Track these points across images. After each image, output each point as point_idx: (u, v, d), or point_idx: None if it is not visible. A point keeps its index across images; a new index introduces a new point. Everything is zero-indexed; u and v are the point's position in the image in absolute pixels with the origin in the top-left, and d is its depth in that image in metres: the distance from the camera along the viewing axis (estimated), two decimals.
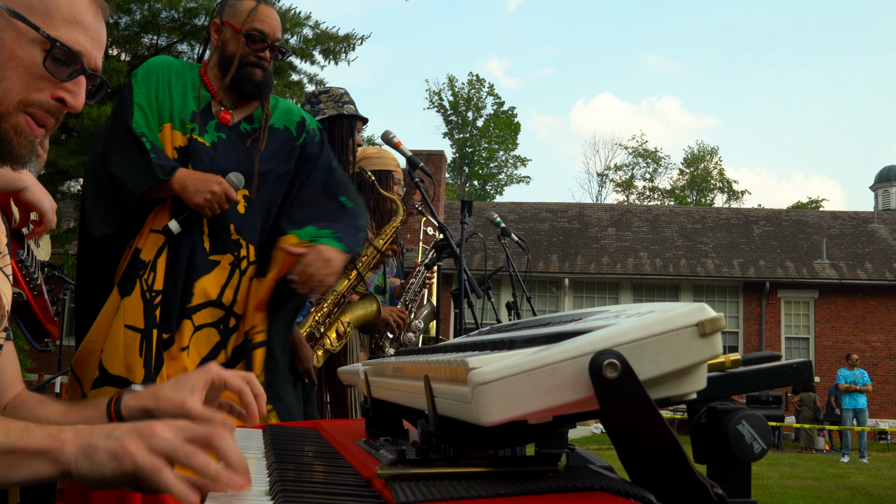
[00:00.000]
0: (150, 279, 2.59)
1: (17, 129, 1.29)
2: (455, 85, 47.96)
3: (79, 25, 1.32)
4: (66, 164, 12.10)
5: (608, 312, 1.11)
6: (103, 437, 1.02)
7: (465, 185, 47.19)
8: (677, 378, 0.87)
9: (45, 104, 1.30)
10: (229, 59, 2.74)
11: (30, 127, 1.30)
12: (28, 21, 1.27)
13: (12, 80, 1.27)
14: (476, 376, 0.83)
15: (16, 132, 1.29)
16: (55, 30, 1.29)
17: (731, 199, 49.74)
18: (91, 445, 1.01)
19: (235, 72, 2.73)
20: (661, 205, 41.96)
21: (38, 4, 1.29)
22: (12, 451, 1.00)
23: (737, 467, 1.06)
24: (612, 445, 0.88)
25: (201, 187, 2.58)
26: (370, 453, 1.33)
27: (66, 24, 1.30)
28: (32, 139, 1.31)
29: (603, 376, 0.81)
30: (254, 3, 2.76)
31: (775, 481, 11.36)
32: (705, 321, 0.84)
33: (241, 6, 2.76)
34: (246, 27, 2.73)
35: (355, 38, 15.10)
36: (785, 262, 23.74)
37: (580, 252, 24.71)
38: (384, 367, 1.48)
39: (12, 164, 1.31)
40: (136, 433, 1.02)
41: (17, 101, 1.27)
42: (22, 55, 1.27)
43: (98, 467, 1.00)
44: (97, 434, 1.02)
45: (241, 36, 2.73)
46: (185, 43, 14.87)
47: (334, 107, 3.86)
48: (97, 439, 1.01)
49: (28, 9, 1.28)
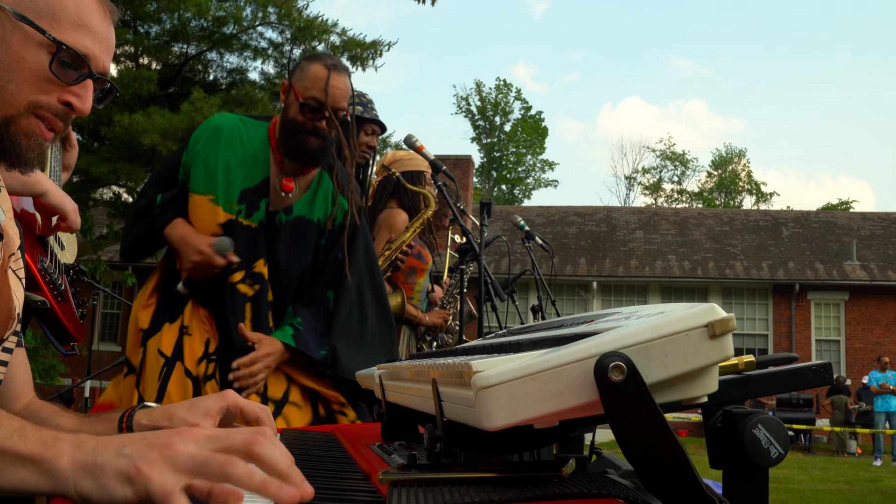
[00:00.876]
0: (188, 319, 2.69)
1: (27, 133, 1.28)
2: (482, 90, 47.95)
3: (86, 28, 1.32)
4: (97, 172, 12.21)
5: (619, 314, 1.09)
6: (113, 455, 0.88)
7: (493, 190, 47.14)
8: (687, 381, 0.84)
9: (53, 107, 1.30)
10: (289, 125, 2.69)
11: (40, 130, 1.30)
12: (34, 24, 1.27)
13: (19, 83, 1.27)
14: (479, 380, 0.81)
15: (25, 135, 1.28)
16: (62, 33, 1.29)
17: (760, 201, 49.35)
18: (95, 464, 0.88)
19: (289, 139, 2.69)
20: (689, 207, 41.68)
21: (45, 8, 1.29)
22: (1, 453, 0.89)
23: (753, 473, 1.03)
24: None
25: (186, 254, 2.62)
26: (382, 458, 1.31)
27: (73, 28, 1.30)
28: (42, 142, 1.31)
29: (608, 379, 0.79)
30: (321, 70, 2.65)
31: (806, 485, 11.22)
32: (715, 322, 0.82)
33: (311, 69, 2.66)
34: (305, 95, 2.64)
35: (382, 44, 15.14)
36: (815, 264, 23.48)
37: (608, 255, 24.59)
38: (398, 371, 1.47)
39: (20, 167, 1.31)
40: (153, 449, 0.87)
41: (27, 103, 1.27)
42: (29, 58, 1.27)
43: (104, 489, 0.87)
44: (103, 450, 0.89)
45: (298, 104, 2.65)
46: (213, 51, 14.98)
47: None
48: (105, 456, 0.88)
49: (34, 12, 1.28)
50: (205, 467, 0.86)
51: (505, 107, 47.74)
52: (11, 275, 1.38)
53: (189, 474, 0.86)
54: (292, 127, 2.67)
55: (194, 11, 13.52)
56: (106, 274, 12.93)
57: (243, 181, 2.70)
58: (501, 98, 47.70)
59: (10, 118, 1.27)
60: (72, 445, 0.90)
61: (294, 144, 2.69)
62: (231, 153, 2.71)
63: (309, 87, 2.64)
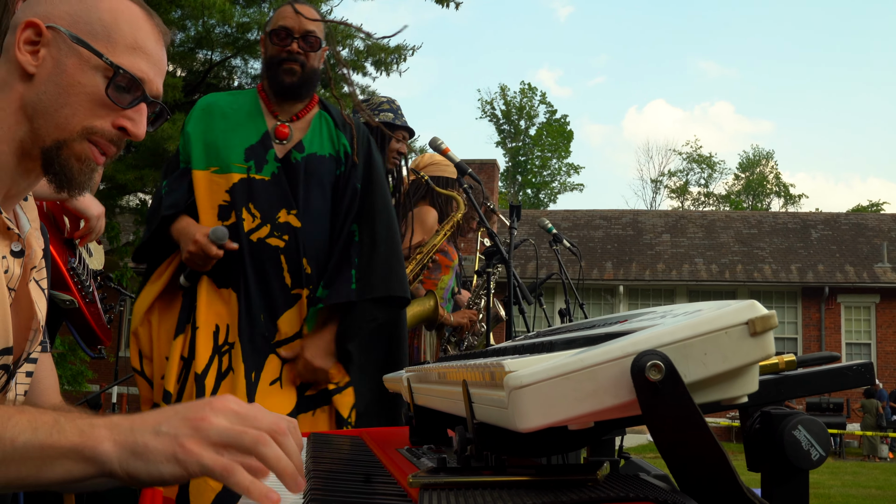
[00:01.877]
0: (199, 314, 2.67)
1: (81, 157, 1.28)
2: (507, 94, 47.88)
3: (141, 52, 1.32)
4: (124, 179, 12.30)
5: (654, 313, 1.06)
6: (152, 434, 0.92)
7: (519, 194, 47.03)
8: (726, 380, 0.82)
9: (107, 133, 1.29)
10: (267, 64, 2.77)
11: (93, 155, 1.29)
12: (91, 47, 1.27)
13: (74, 107, 1.26)
14: (512, 380, 0.79)
15: (78, 160, 1.28)
16: (118, 56, 1.28)
17: (788, 203, 48.92)
18: (138, 443, 0.92)
19: (272, 77, 2.76)
20: (716, 210, 41.38)
21: (101, 31, 1.29)
22: (41, 448, 0.92)
23: (793, 476, 1.00)
24: None
25: (183, 244, 2.63)
26: (411, 461, 1.29)
27: (128, 51, 1.30)
28: (94, 167, 1.30)
29: (646, 378, 0.76)
30: (286, 7, 2.79)
31: (837, 490, 11.09)
32: (756, 319, 0.79)
33: (276, 13, 2.82)
34: (269, 28, 2.77)
35: (406, 49, 15.15)
36: (844, 267, 23.23)
37: (635, 259, 24.46)
38: (426, 374, 1.45)
39: (70, 191, 1.30)
40: (189, 426, 0.93)
41: (81, 128, 1.27)
42: (84, 82, 1.27)
43: (152, 467, 0.91)
44: (140, 429, 0.93)
45: (266, 37, 2.78)
46: (238, 58, 15.06)
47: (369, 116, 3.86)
48: (143, 436, 0.92)
49: (90, 34, 1.28)
50: (237, 441, 0.92)
51: (530, 111, 47.65)
52: (34, 286, 1.37)
53: (224, 447, 0.92)
54: (270, 63, 2.75)
55: (218, 18, 13.58)
56: (132, 280, 13.01)
57: (244, 141, 2.73)
58: (526, 102, 47.62)
59: (63, 142, 1.27)
60: (108, 429, 0.93)
61: (277, 80, 2.76)
62: (225, 122, 2.76)
63: (275, 22, 2.77)
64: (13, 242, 1.31)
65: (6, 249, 1.29)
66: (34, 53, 1.27)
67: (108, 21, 1.30)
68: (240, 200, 2.67)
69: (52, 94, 1.26)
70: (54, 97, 1.26)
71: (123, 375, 7.12)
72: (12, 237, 1.30)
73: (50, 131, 1.26)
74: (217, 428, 0.92)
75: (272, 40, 2.75)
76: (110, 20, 1.30)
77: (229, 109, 2.79)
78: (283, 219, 2.68)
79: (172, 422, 0.93)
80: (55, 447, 0.92)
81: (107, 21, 1.30)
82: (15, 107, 1.26)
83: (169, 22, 13.26)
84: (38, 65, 1.27)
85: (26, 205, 1.41)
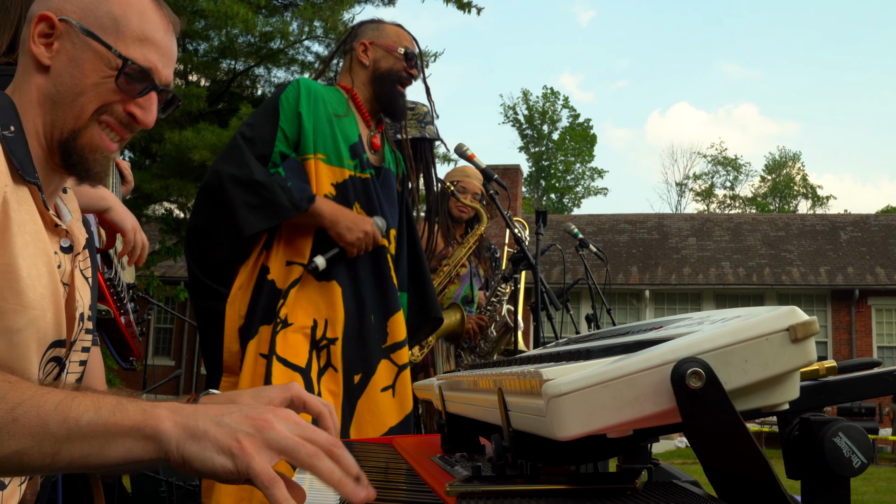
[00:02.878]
0: (283, 313, 2.58)
1: (92, 146, 1.33)
2: (529, 99, 47.79)
3: (149, 42, 1.36)
4: (149, 189, 12.39)
5: (690, 319, 1.05)
6: (213, 423, 0.92)
7: (542, 199, 46.93)
8: (767, 387, 0.81)
9: (117, 113, 1.34)
10: (387, 75, 2.82)
11: (103, 142, 1.34)
12: (101, 40, 1.32)
13: (89, 96, 1.31)
14: (551, 388, 0.78)
15: (90, 150, 1.33)
16: (127, 48, 1.33)
17: (816, 204, 48.49)
18: (198, 428, 0.92)
19: (389, 90, 2.82)
20: (742, 213, 41.09)
21: (110, 23, 1.33)
22: (104, 427, 0.92)
23: (834, 483, 0.99)
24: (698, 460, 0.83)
25: (353, 225, 2.60)
26: (445, 469, 1.29)
27: (137, 42, 1.35)
28: (108, 155, 1.35)
29: (686, 386, 0.75)
30: (397, 27, 2.89)
31: (871, 497, 10.95)
32: (797, 325, 0.78)
33: (387, 28, 2.88)
34: (400, 45, 2.84)
35: (429, 55, 15.19)
36: (875, 269, 22.97)
37: (660, 263, 24.32)
38: (458, 382, 1.45)
39: (89, 180, 1.36)
40: (252, 425, 0.92)
41: (93, 110, 1.32)
42: (96, 73, 1.32)
43: (206, 454, 0.91)
44: (203, 415, 0.93)
45: (399, 52, 2.83)
46: (261, 66, 15.14)
47: (417, 126, 3.89)
48: (205, 422, 0.92)
49: (100, 27, 1.33)
50: (294, 452, 0.91)
51: (553, 115, 47.54)
52: (78, 274, 1.40)
53: (279, 454, 0.91)
54: (391, 77, 2.83)
55: (242, 28, 13.66)
56: (158, 289, 13.10)
57: (347, 138, 2.74)
58: (549, 106, 47.51)
59: (77, 131, 1.32)
60: (170, 410, 0.93)
61: (391, 95, 2.83)
62: (329, 114, 2.74)
63: (397, 41, 2.85)
64: (62, 239, 1.36)
65: (56, 246, 1.34)
66: (48, 46, 1.32)
67: (117, 13, 1.34)
68: (350, 196, 2.69)
69: (68, 84, 1.31)
70: (70, 88, 1.31)
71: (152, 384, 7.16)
72: (61, 233, 1.35)
73: (67, 122, 1.32)
74: (278, 434, 0.92)
75: (400, 58, 2.82)
76: (119, 12, 1.35)
77: (330, 102, 2.77)
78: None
79: (235, 416, 0.93)
80: (118, 426, 0.92)
81: (116, 13, 1.34)
82: (35, 99, 1.32)
83: (193, 33, 13.38)
84: (53, 57, 1.32)
85: (67, 197, 1.46)
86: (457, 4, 15.13)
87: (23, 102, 1.31)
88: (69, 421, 0.91)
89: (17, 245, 1.21)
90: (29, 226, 1.25)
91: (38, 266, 1.26)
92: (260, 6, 14.17)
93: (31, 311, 1.24)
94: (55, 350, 1.34)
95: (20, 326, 1.23)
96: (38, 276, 1.26)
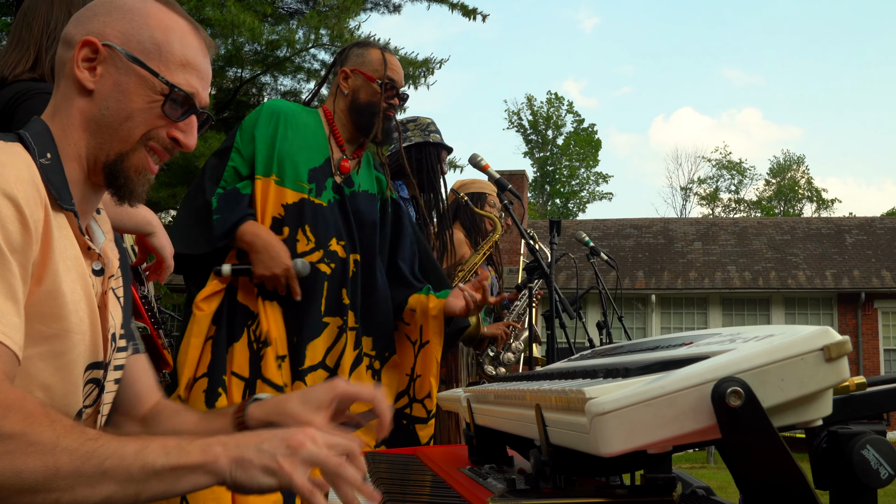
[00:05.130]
0: (258, 332, 2.60)
1: (138, 169, 1.37)
2: (534, 104, 47.83)
3: (191, 67, 1.40)
4: (157, 197, 12.46)
5: (720, 335, 1.08)
6: (255, 451, 1.10)
7: (547, 204, 46.94)
8: (802, 404, 0.84)
9: (162, 140, 1.38)
10: (365, 108, 2.81)
11: (148, 165, 1.38)
12: (147, 66, 1.35)
13: (136, 121, 1.35)
14: (594, 406, 0.81)
15: (136, 171, 1.37)
16: (170, 73, 1.37)
17: (821, 208, 48.44)
18: (244, 459, 1.10)
19: (367, 120, 2.82)
20: (748, 216, 41.07)
21: (154, 49, 1.37)
22: (174, 468, 1.08)
23: (862, 494, 1.02)
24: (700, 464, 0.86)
25: (268, 262, 2.57)
26: (477, 481, 1.32)
27: (180, 68, 1.38)
28: (150, 177, 1.39)
29: (726, 405, 0.79)
30: (380, 54, 2.86)
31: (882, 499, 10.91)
32: (831, 345, 0.82)
33: (370, 55, 2.85)
34: (380, 76, 2.82)
35: (434, 62, 15.26)
36: (881, 272, 22.94)
37: (666, 268, 24.31)
38: (487, 395, 1.48)
39: (131, 200, 1.39)
40: (286, 447, 1.10)
41: (140, 135, 1.36)
42: (142, 98, 1.35)
43: (254, 478, 1.09)
44: (246, 446, 1.11)
45: (376, 85, 2.81)
46: (267, 74, 15.20)
47: (421, 135, 3.95)
48: (249, 452, 1.10)
49: (144, 52, 1.36)
50: (323, 464, 1.10)
51: (557, 120, 47.56)
52: (111, 296, 1.43)
53: (310, 466, 1.10)
54: (370, 108, 2.81)
55: (248, 36, 13.73)
56: (167, 297, 13.15)
57: (309, 161, 2.74)
58: (553, 112, 47.54)
59: (124, 154, 1.35)
60: (222, 446, 1.11)
61: (369, 125, 2.82)
62: (294, 134, 2.75)
63: (377, 70, 2.82)
64: (93, 262, 1.38)
65: (89, 268, 1.36)
66: (92, 70, 1.35)
67: (159, 39, 1.37)
68: (297, 220, 2.67)
69: (114, 109, 1.34)
70: (116, 112, 1.34)
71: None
72: (93, 256, 1.38)
73: (114, 145, 1.35)
74: (308, 451, 1.10)
75: (384, 90, 2.81)
76: (162, 38, 1.38)
77: (298, 123, 2.78)
78: (332, 247, 2.71)
79: (273, 442, 1.11)
80: (184, 466, 1.09)
81: (158, 39, 1.37)
82: (77, 122, 1.35)
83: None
84: (97, 81, 1.35)
85: (100, 218, 1.49)
86: (462, 11, 15.21)
87: (64, 125, 1.34)
88: (146, 467, 1.07)
89: (59, 271, 1.24)
90: (69, 251, 1.29)
91: (77, 290, 1.30)
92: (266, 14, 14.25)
93: (74, 334, 1.29)
94: (93, 372, 1.37)
95: (65, 350, 1.27)
96: (77, 301, 1.29)
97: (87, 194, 1.38)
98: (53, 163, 1.29)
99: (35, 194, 1.20)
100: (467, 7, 15.10)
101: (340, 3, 14.25)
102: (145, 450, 1.09)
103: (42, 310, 1.22)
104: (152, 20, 1.38)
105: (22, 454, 1.03)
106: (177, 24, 1.40)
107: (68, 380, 1.30)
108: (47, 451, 1.04)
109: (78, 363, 1.31)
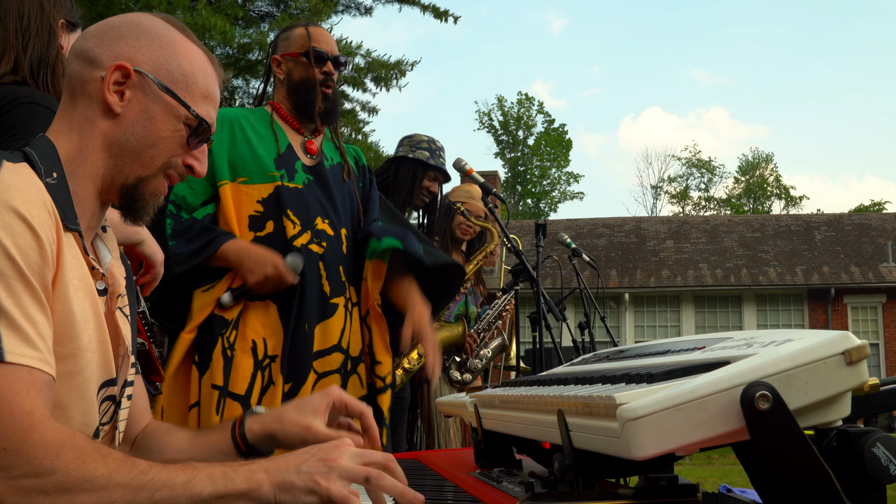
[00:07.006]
0: (233, 337, 2.60)
1: (154, 192, 1.39)
2: (504, 105, 47.96)
3: (210, 99, 1.43)
4: None
5: (733, 339, 1.12)
6: (295, 473, 1.16)
7: (519, 204, 47.06)
8: (823, 406, 0.88)
9: (179, 168, 1.42)
10: (300, 85, 2.79)
11: (163, 190, 1.41)
12: (178, 97, 1.38)
13: (160, 148, 1.37)
14: (626, 412, 0.84)
15: (152, 195, 1.39)
16: (196, 104, 1.40)
17: (790, 205, 48.97)
18: (287, 482, 1.15)
19: (307, 98, 2.78)
20: (718, 214, 41.42)
21: (181, 78, 1.39)
22: (221, 497, 1.14)
23: (872, 489, 1.06)
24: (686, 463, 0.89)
25: (256, 267, 2.57)
26: (492, 486, 1.34)
27: (202, 99, 1.41)
28: (161, 200, 1.42)
29: (755, 408, 0.82)
30: (304, 29, 2.82)
31: None
32: (852, 349, 0.85)
33: (294, 34, 2.83)
34: (296, 49, 2.79)
35: (405, 64, 15.26)
36: (850, 268, 23.26)
37: (639, 266, 24.49)
38: (493, 399, 1.50)
39: (139, 221, 1.41)
40: (324, 465, 1.16)
41: (161, 164, 1.38)
42: (170, 127, 1.38)
43: (297, 499, 1.15)
44: (286, 470, 1.17)
45: (302, 58, 2.78)
46: (239, 78, 15.13)
47: (408, 150, 3.94)
48: (290, 475, 1.16)
49: (173, 82, 1.38)
50: (360, 478, 1.17)
51: (528, 121, 47.70)
52: (119, 314, 1.44)
53: (350, 481, 1.16)
54: (305, 84, 2.78)
55: (219, 40, 13.66)
56: None
57: (271, 152, 2.73)
58: (524, 112, 47.68)
59: (144, 178, 1.37)
60: (264, 472, 1.17)
61: (311, 102, 2.79)
62: (249, 132, 2.74)
63: (303, 45, 2.79)
64: (97, 281, 1.38)
65: (95, 287, 1.36)
66: (120, 94, 1.35)
67: (186, 70, 1.40)
68: (277, 209, 2.67)
69: (140, 135, 1.36)
70: (142, 138, 1.36)
71: None
72: (97, 276, 1.38)
73: (135, 169, 1.36)
74: (344, 467, 1.17)
75: (315, 62, 2.77)
76: (188, 69, 1.40)
77: (248, 122, 2.78)
78: (319, 226, 2.71)
79: (310, 463, 1.18)
80: (231, 494, 1.14)
81: (186, 70, 1.39)
82: (98, 143, 1.35)
83: None
84: (124, 105, 1.35)
85: (106, 235, 1.48)
86: (434, 14, 15.24)
87: (82, 145, 1.34)
88: (194, 497, 1.13)
89: (69, 291, 1.25)
90: (77, 270, 1.29)
91: (87, 308, 1.30)
92: (237, 18, 14.18)
93: (86, 353, 1.30)
94: (108, 389, 1.39)
95: (78, 369, 1.28)
96: (87, 319, 1.30)
97: (96, 213, 1.39)
98: (59, 182, 1.29)
99: (47, 217, 1.21)
100: (439, 9, 15.12)
101: (312, 6, 14.22)
102: (193, 480, 1.14)
103: (57, 330, 1.23)
104: (179, 49, 1.40)
105: (78, 491, 1.07)
106: (198, 56, 1.43)
107: (83, 398, 1.31)
108: (101, 487, 1.09)
109: (91, 381, 1.32)
